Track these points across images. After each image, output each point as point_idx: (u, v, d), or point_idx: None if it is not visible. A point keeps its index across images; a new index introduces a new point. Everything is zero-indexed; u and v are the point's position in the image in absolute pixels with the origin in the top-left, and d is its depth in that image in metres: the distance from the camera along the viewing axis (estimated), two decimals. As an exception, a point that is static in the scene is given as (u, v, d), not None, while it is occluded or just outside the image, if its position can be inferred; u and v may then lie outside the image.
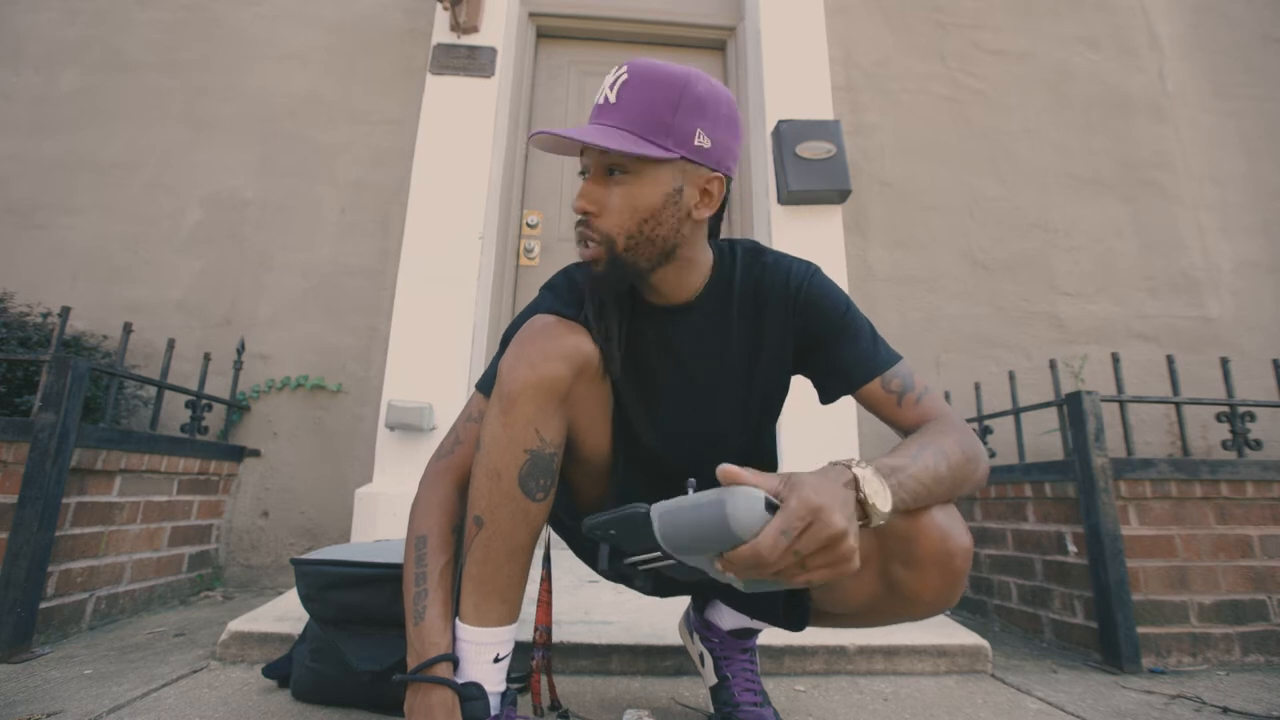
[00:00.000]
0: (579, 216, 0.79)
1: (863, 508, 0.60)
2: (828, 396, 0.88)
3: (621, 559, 0.68)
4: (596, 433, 0.88)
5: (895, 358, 0.84)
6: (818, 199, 2.33)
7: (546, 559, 0.96)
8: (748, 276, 0.88)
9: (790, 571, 0.56)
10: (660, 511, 0.61)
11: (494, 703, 0.78)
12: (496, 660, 0.79)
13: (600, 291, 0.83)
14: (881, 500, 0.60)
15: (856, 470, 0.61)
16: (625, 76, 0.76)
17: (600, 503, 0.93)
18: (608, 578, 0.67)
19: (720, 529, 0.55)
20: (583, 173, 0.80)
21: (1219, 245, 2.57)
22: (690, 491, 0.62)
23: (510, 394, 0.77)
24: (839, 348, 0.84)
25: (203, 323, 2.24)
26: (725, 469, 0.58)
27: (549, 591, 0.94)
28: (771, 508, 0.56)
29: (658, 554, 0.64)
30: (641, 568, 0.67)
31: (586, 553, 1.02)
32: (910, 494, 0.65)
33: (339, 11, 2.59)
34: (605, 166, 0.77)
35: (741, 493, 0.56)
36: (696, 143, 0.75)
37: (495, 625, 0.79)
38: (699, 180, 0.78)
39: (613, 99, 0.75)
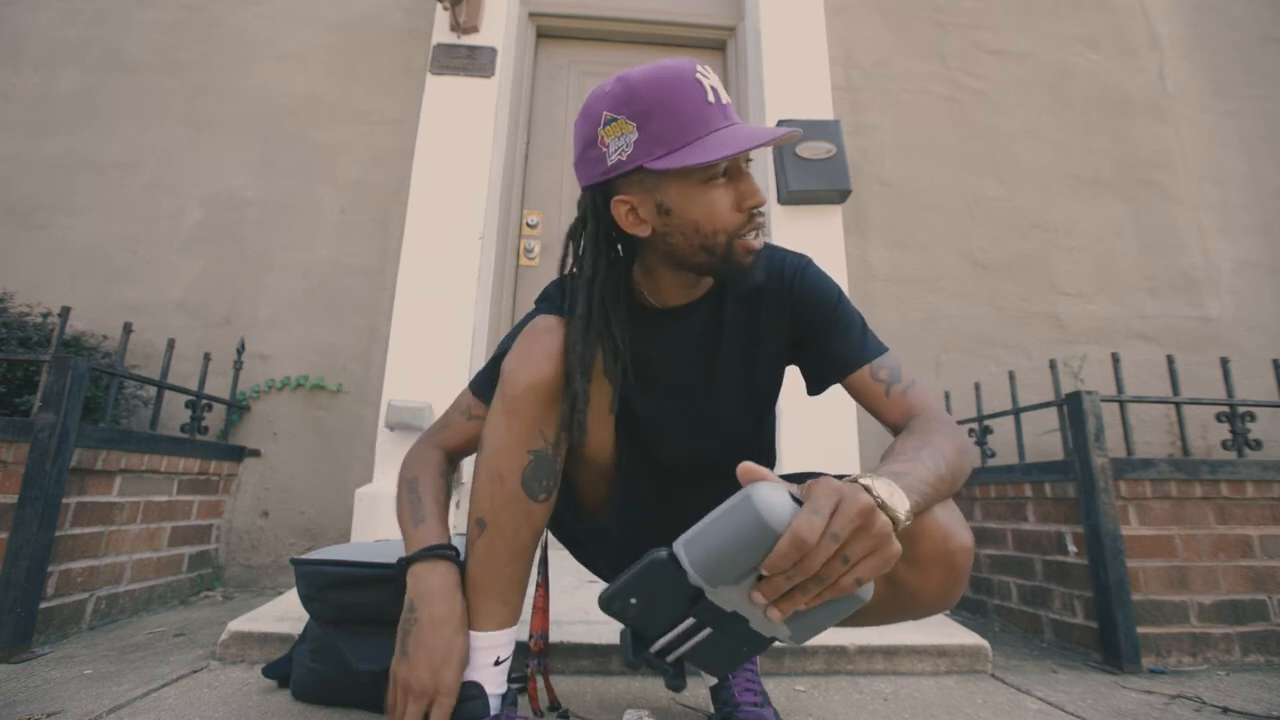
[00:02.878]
0: (748, 214, 0.77)
1: (884, 512, 0.57)
2: (816, 387, 0.89)
3: (645, 646, 0.60)
4: (598, 432, 0.88)
5: (883, 349, 0.85)
6: (818, 199, 2.33)
7: (544, 563, 0.95)
8: None
9: (834, 569, 0.52)
10: (685, 542, 0.56)
11: (494, 704, 0.78)
12: (497, 663, 0.79)
13: (751, 284, 0.81)
14: (897, 501, 0.57)
15: (864, 480, 0.57)
16: (713, 78, 0.77)
17: (603, 503, 0.93)
18: (635, 669, 0.62)
19: (754, 526, 0.51)
20: (724, 173, 0.76)
21: (1219, 245, 2.57)
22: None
23: (514, 395, 0.77)
24: (829, 338, 0.85)
25: (203, 323, 2.24)
26: (745, 466, 0.56)
27: (545, 598, 0.94)
28: (797, 501, 0.54)
29: (691, 623, 0.58)
30: (674, 653, 0.60)
31: (586, 558, 1.02)
32: (920, 496, 0.63)
33: (339, 11, 2.59)
34: (745, 159, 0.78)
35: (764, 485, 0.54)
36: None
37: (496, 628, 0.79)
38: None
39: (724, 99, 0.76)
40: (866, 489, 0.56)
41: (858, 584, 0.53)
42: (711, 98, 0.74)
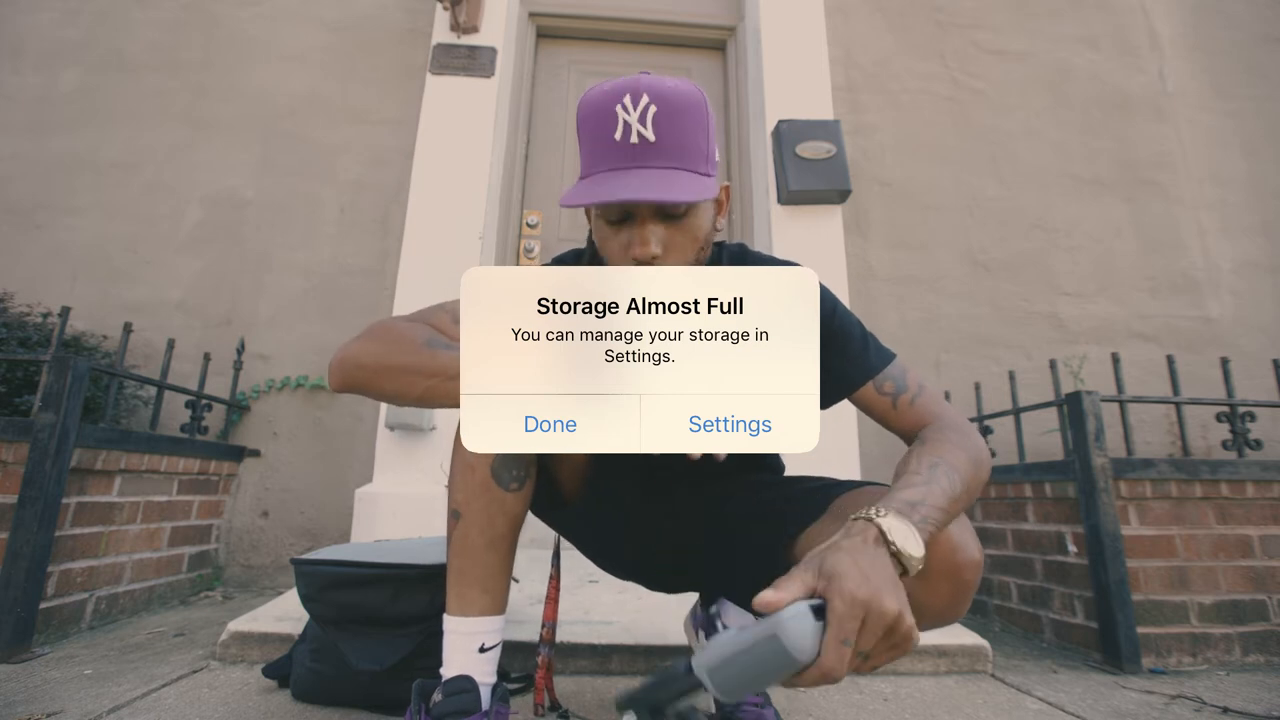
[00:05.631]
0: (634, 263, 0.73)
1: (898, 560, 0.56)
2: (821, 403, 0.87)
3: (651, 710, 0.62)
4: None
5: (886, 359, 0.82)
6: (818, 199, 2.33)
7: (556, 557, 0.99)
8: None
9: (858, 668, 0.53)
10: (710, 668, 0.55)
11: (484, 694, 0.78)
12: (482, 650, 0.80)
13: None
14: (913, 546, 0.57)
15: (881, 522, 0.57)
16: (654, 108, 0.71)
17: (581, 490, 0.93)
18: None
19: (782, 661, 0.51)
20: (623, 219, 0.75)
21: (1219, 245, 2.57)
22: (719, 625, 0.57)
23: None
24: (826, 354, 0.83)
25: (203, 323, 2.24)
26: (762, 600, 0.52)
27: (558, 589, 0.97)
28: (818, 611, 0.52)
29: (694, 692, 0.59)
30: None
31: (578, 539, 1.02)
32: (935, 525, 0.63)
33: (339, 11, 2.59)
34: (660, 205, 0.73)
35: (790, 618, 0.51)
36: (717, 159, 0.78)
37: (478, 615, 0.80)
38: (717, 193, 0.81)
39: (651, 137, 0.71)
40: (883, 533, 0.56)
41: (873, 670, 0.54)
42: (620, 134, 0.71)
